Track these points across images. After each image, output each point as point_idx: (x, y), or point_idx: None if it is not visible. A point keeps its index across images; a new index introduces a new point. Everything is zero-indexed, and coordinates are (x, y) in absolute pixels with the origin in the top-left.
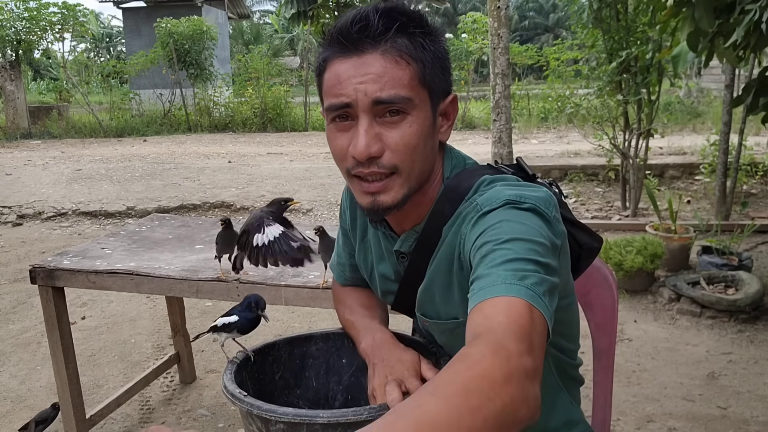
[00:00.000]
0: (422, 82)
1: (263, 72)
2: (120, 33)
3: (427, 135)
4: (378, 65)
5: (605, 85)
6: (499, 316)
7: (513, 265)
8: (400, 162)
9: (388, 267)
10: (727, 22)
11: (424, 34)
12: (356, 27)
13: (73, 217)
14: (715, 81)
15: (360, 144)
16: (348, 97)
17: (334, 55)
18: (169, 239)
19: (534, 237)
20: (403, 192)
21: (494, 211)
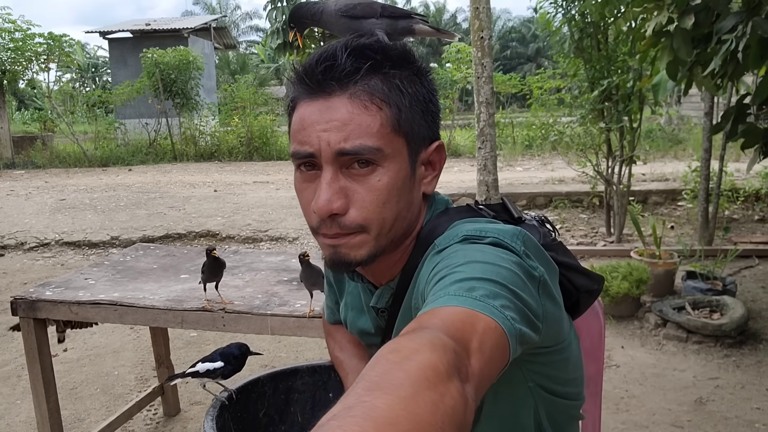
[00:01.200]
0: (396, 129)
1: (249, 101)
2: (106, 63)
3: (402, 189)
4: (344, 110)
5: (588, 113)
6: (434, 319)
7: (463, 283)
8: (366, 220)
9: (368, 322)
10: (705, 52)
11: (403, 76)
12: (321, 67)
13: (56, 247)
14: (695, 108)
15: (321, 199)
16: (311, 146)
17: (300, 96)
18: (153, 269)
19: (495, 261)
20: (369, 251)
21: (451, 246)
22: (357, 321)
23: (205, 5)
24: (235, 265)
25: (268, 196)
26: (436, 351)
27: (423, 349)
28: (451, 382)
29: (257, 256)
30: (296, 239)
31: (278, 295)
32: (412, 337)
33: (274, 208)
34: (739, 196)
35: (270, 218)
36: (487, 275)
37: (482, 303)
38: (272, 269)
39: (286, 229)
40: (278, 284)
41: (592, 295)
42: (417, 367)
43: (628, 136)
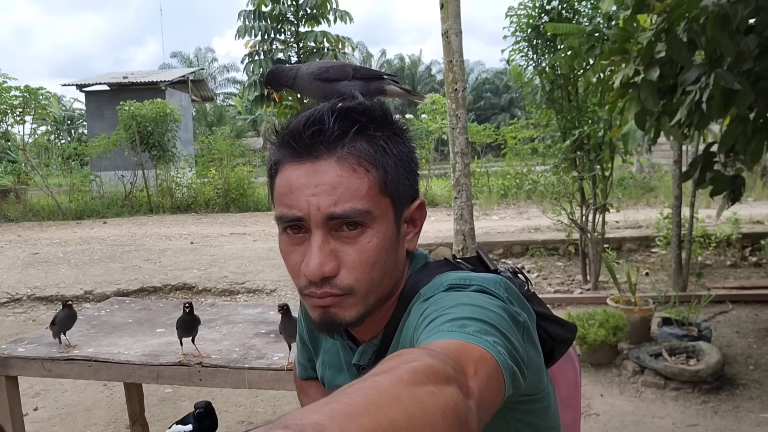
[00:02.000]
0: (383, 191)
1: (226, 152)
2: (82, 115)
3: (389, 248)
4: (332, 174)
5: (560, 162)
6: (430, 346)
7: (455, 322)
8: (356, 282)
9: (347, 379)
10: (671, 102)
11: (386, 137)
12: (309, 131)
13: (28, 302)
14: (665, 156)
15: (312, 263)
16: (300, 210)
17: (285, 159)
18: (129, 323)
19: (483, 305)
20: (359, 311)
21: (436, 295)
22: (335, 379)
23: (183, 58)
24: (212, 318)
25: (245, 247)
26: (436, 360)
27: (423, 358)
28: (450, 385)
29: (234, 308)
30: (273, 291)
31: (256, 347)
32: (411, 351)
33: (251, 259)
34: (711, 242)
35: (247, 270)
36: (477, 316)
37: (475, 337)
38: (249, 322)
39: (264, 281)
40: (255, 337)
41: (566, 344)
42: (419, 365)
43: (601, 184)
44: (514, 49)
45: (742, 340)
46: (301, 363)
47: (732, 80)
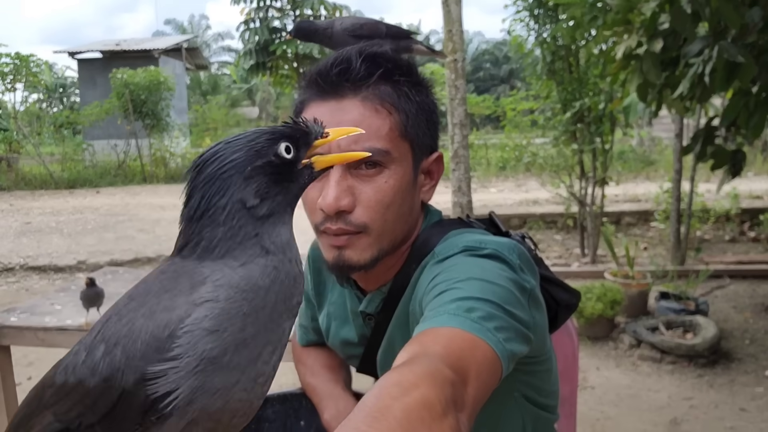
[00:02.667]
0: (403, 134)
1: (221, 122)
2: (74, 83)
3: (405, 192)
4: (356, 113)
5: (560, 135)
6: (436, 345)
7: (463, 302)
8: (370, 220)
9: (352, 330)
10: (674, 75)
11: (410, 84)
12: (336, 69)
13: (21, 272)
14: (666, 130)
15: (329, 196)
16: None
17: (311, 98)
18: (122, 293)
19: (492, 279)
20: (371, 253)
21: (451, 257)
22: (340, 331)
23: (177, 25)
24: None
25: None
26: (435, 386)
27: (422, 384)
28: (446, 418)
29: None
30: None
31: None
32: (412, 369)
33: None
34: (709, 216)
35: None
36: (485, 295)
37: (479, 325)
38: None
39: None
40: None
41: (569, 310)
42: (415, 405)
43: (601, 157)
44: (515, 19)
45: (738, 314)
46: (303, 326)
47: (735, 53)
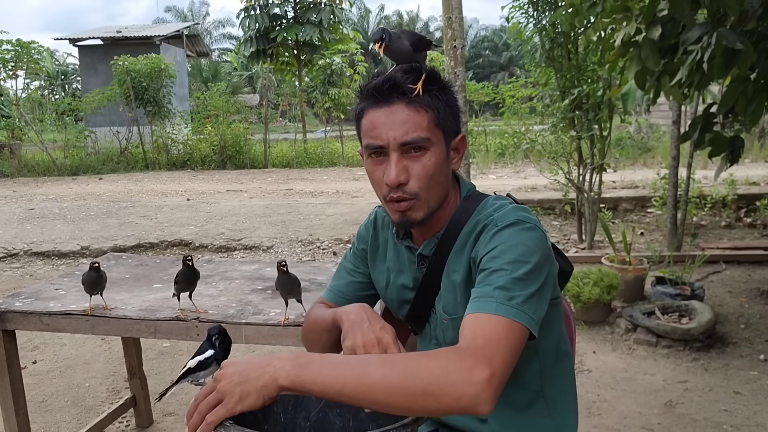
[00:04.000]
0: (437, 125)
1: (222, 109)
2: (76, 70)
3: (442, 166)
4: (403, 114)
5: (559, 122)
6: (481, 331)
7: (506, 291)
8: (420, 188)
9: (408, 276)
10: (672, 62)
11: (437, 89)
12: (387, 85)
13: (25, 257)
14: (664, 117)
15: (391, 174)
16: (381, 140)
17: (369, 106)
18: (125, 279)
19: (532, 257)
20: (424, 212)
21: (507, 228)
22: (398, 279)
23: (177, 13)
24: (209, 274)
25: (242, 204)
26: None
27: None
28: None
29: (231, 264)
30: (270, 248)
31: (252, 303)
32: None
33: (248, 216)
34: (706, 202)
35: (243, 227)
36: (528, 277)
37: (515, 310)
38: (246, 278)
39: (260, 237)
40: (252, 293)
41: (565, 278)
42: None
43: (599, 144)
44: (514, 6)
45: (734, 299)
46: (336, 286)
47: (734, 40)
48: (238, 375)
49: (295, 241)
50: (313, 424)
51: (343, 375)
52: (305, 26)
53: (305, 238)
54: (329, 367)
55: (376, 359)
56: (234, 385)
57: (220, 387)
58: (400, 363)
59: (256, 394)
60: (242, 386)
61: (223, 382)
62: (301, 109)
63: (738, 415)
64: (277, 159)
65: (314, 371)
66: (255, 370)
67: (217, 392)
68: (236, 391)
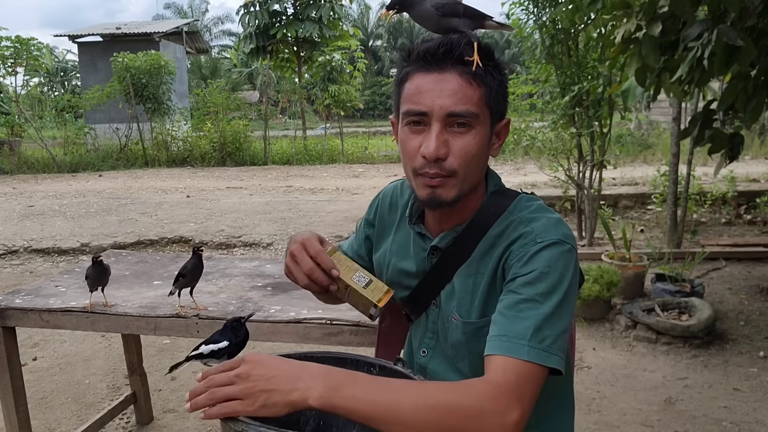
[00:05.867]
0: (487, 103)
1: (222, 106)
2: (75, 67)
3: (484, 148)
4: (455, 82)
5: (559, 119)
6: (512, 375)
7: (541, 325)
8: (459, 167)
9: (411, 263)
10: (672, 59)
11: (493, 66)
12: (443, 49)
13: (25, 254)
14: (664, 114)
15: (431, 146)
16: (426, 107)
17: (417, 70)
18: (125, 275)
19: (564, 284)
20: (456, 192)
21: (547, 249)
22: (399, 263)
23: (177, 9)
24: (209, 271)
25: (242, 201)
26: (490, 399)
27: (480, 393)
28: (480, 418)
29: (231, 261)
30: (270, 244)
31: (252, 300)
32: (486, 385)
33: (248, 213)
34: (706, 199)
35: (243, 224)
36: (558, 310)
37: (546, 354)
38: (246, 275)
39: (260, 234)
40: (252, 290)
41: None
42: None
43: (599, 141)
44: (515, 3)
45: (733, 296)
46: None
47: (735, 36)
48: (266, 381)
49: None
50: (318, 412)
51: (375, 402)
52: (305, 23)
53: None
54: (361, 391)
55: (410, 388)
56: (260, 390)
57: (244, 386)
58: (434, 396)
59: (282, 407)
60: (269, 395)
61: (249, 382)
62: (300, 106)
63: (737, 412)
64: (277, 156)
65: (346, 395)
66: (285, 382)
67: (239, 388)
68: (261, 397)
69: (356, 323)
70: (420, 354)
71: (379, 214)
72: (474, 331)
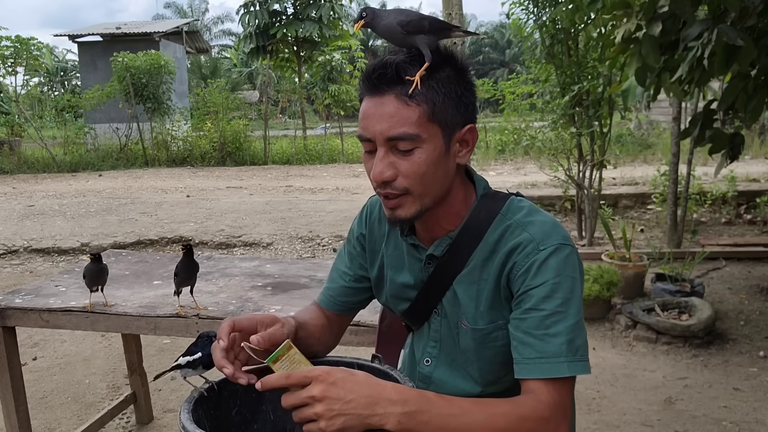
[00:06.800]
0: (431, 119)
1: (222, 106)
2: (75, 67)
3: (438, 163)
4: (391, 106)
5: (559, 118)
6: (557, 394)
7: (571, 337)
8: (410, 185)
9: (408, 275)
10: (672, 58)
11: (439, 77)
12: (376, 73)
13: (25, 254)
14: (664, 114)
15: (375, 171)
16: (369, 132)
17: (364, 93)
18: (125, 275)
19: (577, 288)
20: (416, 208)
21: (553, 257)
22: (397, 277)
23: (177, 9)
24: (209, 270)
25: (242, 201)
26: (543, 421)
27: (535, 416)
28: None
29: (231, 261)
30: (270, 244)
31: (252, 300)
32: (539, 406)
33: (248, 213)
34: (706, 199)
35: (243, 224)
36: (579, 314)
37: (582, 363)
38: (246, 275)
39: (260, 234)
40: (252, 289)
41: None
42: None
43: (599, 140)
44: (515, 2)
45: (733, 296)
46: (329, 289)
47: (735, 36)
48: (344, 404)
49: (295, 238)
50: None
51: (447, 427)
52: (305, 22)
53: (305, 234)
54: (437, 419)
55: (479, 412)
56: (338, 414)
57: (319, 407)
58: (501, 422)
59: (358, 429)
60: (346, 418)
61: (325, 404)
62: (300, 106)
63: (737, 412)
64: (277, 156)
65: (422, 421)
66: (363, 406)
67: (313, 409)
68: (339, 420)
69: (356, 323)
70: (423, 363)
71: (369, 228)
72: (482, 338)
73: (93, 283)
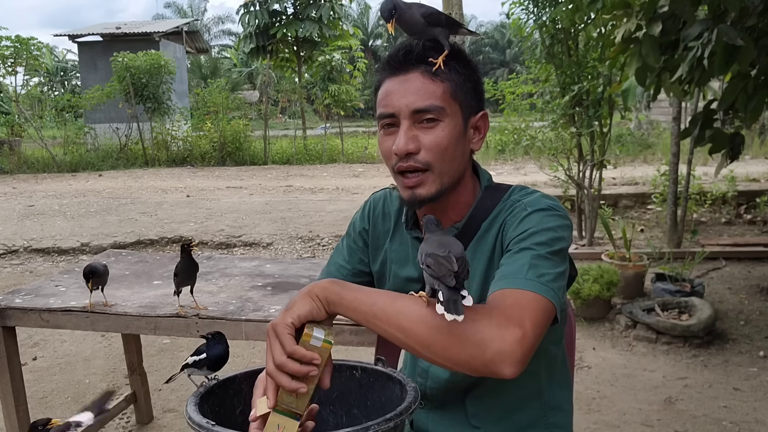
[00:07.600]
0: (453, 97)
1: (222, 105)
2: (75, 67)
3: (458, 140)
4: (418, 82)
5: (559, 118)
6: (510, 299)
7: (536, 263)
8: (433, 159)
9: (413, 269)
10: (672, 58)
11: (456, 61)
12: (402, 52)
13: (25, 254)
14: (664, 113)
15: (400, 142)
16: (393, 108)
17: (385, 76)
18: (125, 275)
19: (559, 244)
20: (437, 187)
21: (537, 213)
22: (401, 271)
23: (177, 9)
24: (209, 270)
25: (242, 201)
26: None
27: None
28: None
29: (231, 261)
30: (270, 244)
31: (252, 300)
32: (486, 306)
33: (248, 213)
34: (706, 199)
35: (243, 223)
36: (555, 257)
37: (545, 287)
38: (246, 275)
39: (260, 234)
40: (252, 289)
41: (570, 282)
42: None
43: (599, 140)
44: (514, 2)
45: (733, 296)
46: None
47: (735, 36)
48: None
49: (295, 238)
50: None
51: (375, 296)
52: (305, 22)
53: (305, 234)
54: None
55: (409, 297)
56: (286, 312)
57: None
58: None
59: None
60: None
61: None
62: (300, 106)
63: (737, 412)
64: (277, 156)
65: (349, 287)
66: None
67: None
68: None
69: (356, 323)
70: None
71: (372, 223)
72: None
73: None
